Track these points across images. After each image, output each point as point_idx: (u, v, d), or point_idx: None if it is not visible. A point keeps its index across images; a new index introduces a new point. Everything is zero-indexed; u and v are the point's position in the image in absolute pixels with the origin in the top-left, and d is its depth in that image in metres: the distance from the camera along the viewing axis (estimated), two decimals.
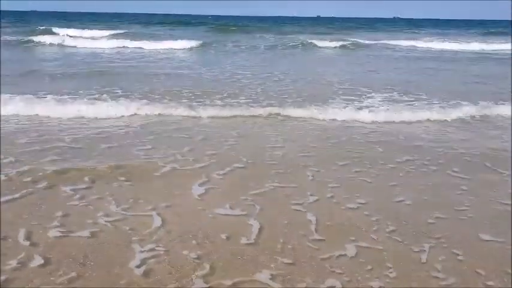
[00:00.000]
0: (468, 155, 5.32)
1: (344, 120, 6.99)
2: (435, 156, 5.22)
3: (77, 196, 3.79)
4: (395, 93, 9.21)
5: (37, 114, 6.63)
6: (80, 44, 19.07)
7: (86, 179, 4.16)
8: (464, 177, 4.56)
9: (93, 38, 21.78)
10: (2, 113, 6.48)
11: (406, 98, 8.71)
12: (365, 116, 7.12)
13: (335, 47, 21.89)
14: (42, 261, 2.78)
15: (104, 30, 26.07)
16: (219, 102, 7.74)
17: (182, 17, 67.94)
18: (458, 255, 3.05)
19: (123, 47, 18.84)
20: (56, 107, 6.87)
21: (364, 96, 8.74)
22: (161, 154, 5.00)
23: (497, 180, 4.53)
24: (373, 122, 6.94)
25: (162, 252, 2.95)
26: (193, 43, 19.63)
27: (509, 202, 3.95)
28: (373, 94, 9.02)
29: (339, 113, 7.21)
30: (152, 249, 2.98)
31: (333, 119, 7.02)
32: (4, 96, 7.09)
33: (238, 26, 38.57)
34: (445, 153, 5.37)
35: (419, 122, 7.08)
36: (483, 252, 3.11)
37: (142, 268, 2.76)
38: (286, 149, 5.33)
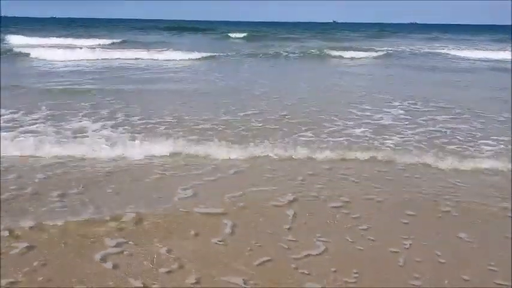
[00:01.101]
0: None
1: None
2: None
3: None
4: None
5: None
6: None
7: None
8: None
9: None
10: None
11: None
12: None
13: (367, 57, 20.17)
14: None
15: (100, 39, 25.55)
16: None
17: (183, 23, 68.11)
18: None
19: (136, 58, 17.05)
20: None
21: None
22: None
23: None
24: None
25: (130, 246, 3.07)
26: (205, 54, 18.41)
27: None
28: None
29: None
30: (121, 244, 3.09)
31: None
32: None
33: (251, 31, 38.54)
34: None
35: None
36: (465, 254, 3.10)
37: (110, 261, 2.87)
38: None
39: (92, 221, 3.40)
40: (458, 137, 6.28)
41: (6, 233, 3.13)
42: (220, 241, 3.18)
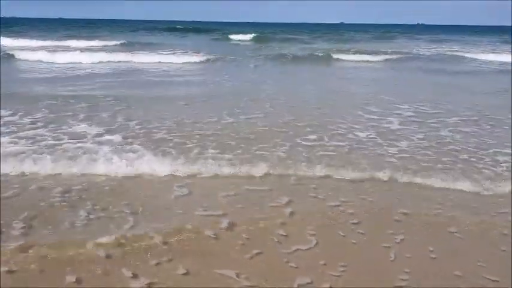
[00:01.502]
0: None
1: None
2: None
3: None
4: None
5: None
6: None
7: None
8: None
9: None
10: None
11: None
12: None
13: (377, 61, 19.66)
14: None
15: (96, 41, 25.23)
16: None
17: (184, 24, 68.27)
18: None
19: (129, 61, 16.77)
20: None
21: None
22: None
23: None
24: None
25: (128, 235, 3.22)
26: (209, 56, 18.16)
27: None
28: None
29: None
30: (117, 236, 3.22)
31: None
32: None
33: (255, 32, 38.52)
34: None
35: None
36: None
37: (103, 250, 3.02)
38: None
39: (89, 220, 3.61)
40: (470, 145, 6.10)
41: None
42: (214, 235, 3.31)
